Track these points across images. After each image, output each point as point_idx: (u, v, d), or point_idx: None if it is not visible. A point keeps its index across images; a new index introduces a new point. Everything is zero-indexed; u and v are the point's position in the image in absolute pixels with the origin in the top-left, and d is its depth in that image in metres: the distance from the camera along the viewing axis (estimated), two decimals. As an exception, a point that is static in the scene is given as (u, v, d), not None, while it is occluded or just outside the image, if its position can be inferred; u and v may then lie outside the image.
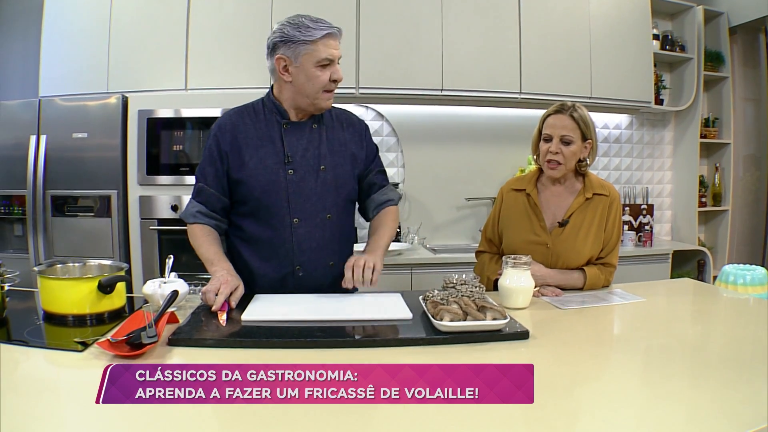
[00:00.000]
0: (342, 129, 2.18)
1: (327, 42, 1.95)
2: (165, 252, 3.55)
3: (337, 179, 2.11)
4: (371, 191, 2.24)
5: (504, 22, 4.15)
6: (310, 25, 1.94)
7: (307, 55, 1.95)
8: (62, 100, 3.66)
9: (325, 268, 2.11)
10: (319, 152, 2.08)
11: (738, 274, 2.60)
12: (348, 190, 2.16)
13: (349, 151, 2.16)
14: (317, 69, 1.96)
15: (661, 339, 1.66)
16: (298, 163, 2.05)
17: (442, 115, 4.45)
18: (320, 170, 2.07)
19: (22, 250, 3.68)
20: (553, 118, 2.24)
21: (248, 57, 3.87)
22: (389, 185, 2.29)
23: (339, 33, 1.99)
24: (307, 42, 1.94)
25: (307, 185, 2.06)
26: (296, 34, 1.94)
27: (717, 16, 4.87)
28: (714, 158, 5.01)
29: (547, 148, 2.23)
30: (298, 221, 2.05)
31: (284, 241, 2.06)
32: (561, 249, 2.24)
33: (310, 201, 2.06)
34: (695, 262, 4.84)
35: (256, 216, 2.07)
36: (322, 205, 2.08)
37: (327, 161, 2.09)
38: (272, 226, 2.06)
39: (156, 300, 1.74)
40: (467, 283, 1.79)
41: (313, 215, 2.06)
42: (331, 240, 2.11)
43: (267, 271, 2.09)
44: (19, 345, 1.49)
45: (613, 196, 2.29)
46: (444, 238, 4.52)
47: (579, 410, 1.18)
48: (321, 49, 1.94)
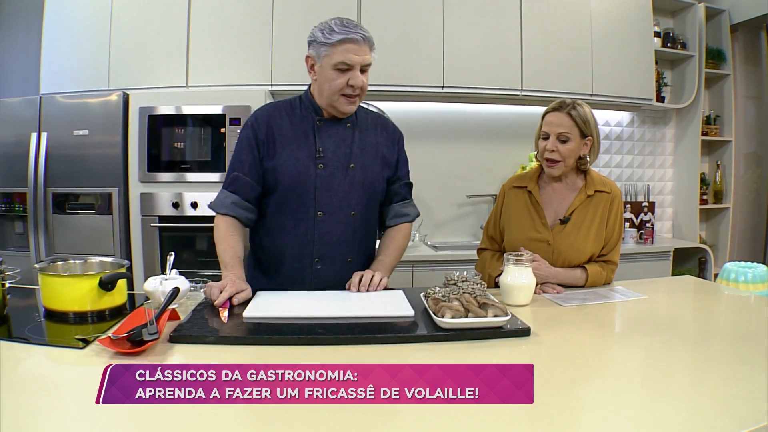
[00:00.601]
0: (376, 132, 2.22)
1: (346, 47, 1.97)
2: (166, 249, 3.55)
3: (366, 178, 2.15)
4: (393, 200, 2.28)
5: (505, 18, 4.14)
6: (334, 28, 1.98)
7: (326, 57, 2.00)
8: (63, 98, 3.66)
9: (343, 264, 2.15)
10: (351, 151, 2.13)
11: (739, 271, 2.60)
12: (375, 191, 2.20)
13: (381, 153, 2.20)
14: (334, 72, 2.00)
15: (662, 336, 1.66)
16: (329, 159, 2.10)
17: (444, 112, 4.45)
18: (349, 168, 2.12)
19: (23, 247, 3.68)
20: (551, 115, 2.24)
21: (249, 54, 3.87)
22: (411, 200, 2.34)
23: (364, 40, 2.00)
24: (326, 44, 1.98)
25: (335, 181, 2.10)
26: (319, 36, 2.01)
27: (718, 13, 4.86)
28: (715, 156, 5.00)
29: (545, 146, 2.24)
30: (322, 214, 2.09)
31: (306, 233, 2.10)
32: (562, 246, 2.24)
33: (337, 196, 2.10)
34: (696, 259, 4.84)
35: (283, 206, 2.12)
36: (347, 202, 2.12)
37: (357, 160, 2.13)
38: (296, 217, 2.10)
39: (157, 297, 1.74)
40: (468, 280, 1.79)
41: (338, 210, 2.11)
42: (353, 237, 2.15)
43: (286, 260, 2.14)
44: (20, 342, 1.49)
45: (614, 193, 2.29)
46: (445, 235, 4.52)
47: (580, 407, 1.17)
48: (338, 53, 1.98)
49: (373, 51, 2.06)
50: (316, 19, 4.08)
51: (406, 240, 2.29)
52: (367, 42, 2.01)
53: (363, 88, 2.05)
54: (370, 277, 2.01)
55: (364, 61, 2.01)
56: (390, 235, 2.26)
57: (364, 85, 2.05)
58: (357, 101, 2.09)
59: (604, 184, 2.31)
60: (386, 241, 2.26)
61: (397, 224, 2.28)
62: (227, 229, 2.09)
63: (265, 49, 3.86)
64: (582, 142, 2.23)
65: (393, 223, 2.28)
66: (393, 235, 2.26)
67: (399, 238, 2.25)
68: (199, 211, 3.60)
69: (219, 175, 3.60)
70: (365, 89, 2.07)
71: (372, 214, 2.23)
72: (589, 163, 2.31)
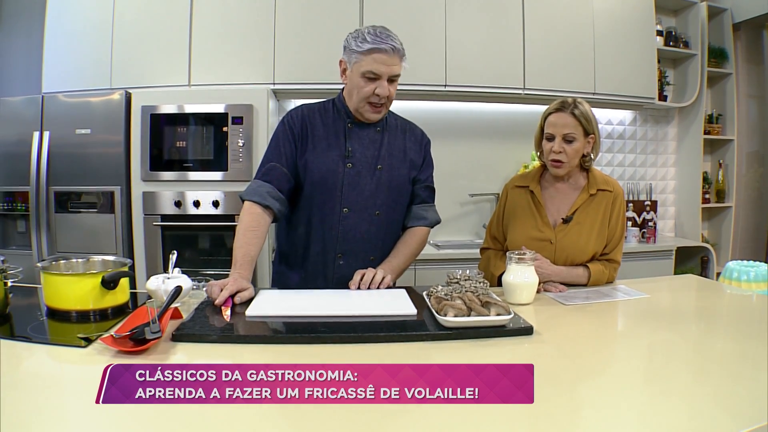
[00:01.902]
0: (404, 137, 2.28)
1: (376, 56, 2.02)
2: (168, 248, 3.56)
3: (392, 180, 2.20)
4: (414, 201, 2.32)
5: (508, 17, 4.14)
6: (366, 37, 2.03)
7: (356, 64, 2.06)
8: (65, 96, 3.66)
9: (365, 261, 2.18)
10: (379, 153, 2.19)
11: (741, 270, 2.60)
12: (401, 192, 2.25)
13: (408, 156, 2.26)
14: (362, 80, 2.06)
15: (664, 335, 1.66)
16: (357, 159, 2.16)
17: (446, 110, 4.46)
18: (377, 169, 2.17)
19: (26, 246, 3.69)
20: (555, 116, 2.23)
21: (252, 53, 3.88)
22: (433, 204, 2.37)
23: (394, 51, 2.04)
24: (357, 51, 2.04)
25: (362, 180, 2.15)
26: (352, 43, 2.06)
27: (721, 12, 4.85)
28: (717, 155, 5.00)
29: (551, 148, 2.23)
30: (347, 211, 2.15)
31: (331, 228, 2.16)
32: (565, 245, 2.24)
33: (363, 195, 2.15)
34: (698, 258, 4.83)
35: (310, 200, 2.17)
36: (373, 201, 2.17)
37: (385, 162, 2.19)
38: (322, 212, 2.16)
39: (159, 296, 1.74)
40: (471, 279, 1.79)
41: (363, 209, 2.16)
42: (376, 235, 2.20)
43: (311, 254, 2.19)
44: (22, 341, 1.49)
45: (616, 192, 2.29)
46: (447, 234, 4.51)
47: (582, 406, 1.17)
48: (367, 62, 2.03)
49: (404, 61, 2.10)
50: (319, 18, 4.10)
51: (420, 245, 2.31)
52: (397, 53, 2.05)
53: (389, 97, 2.10)
54: (371, 276, 2.02)
55: (391, 71, 2.06)
56: (404, 238, 2.29)
57: (391, 95, 2.10)
58: (383, 110, 2.15)
59: (606, 183, 2.30)
60: (399, 243, 2.28)
61: (414, 226, 2.30)
62: (251, 223, 2.09)
63: (268, 47, 3.86)
64: (585, 141, 2.23)
65: (410, 224, 2.31)
66: (407, 238, 2.29)
67: (412, 243, 2.27)
68: (201, 209, 3.60)
69: (221, 174, 3.61)
70: (392, 99, 2.12)
71: (397, 216, 2.28)
72: (592, 160, 2.31)
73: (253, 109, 3.60)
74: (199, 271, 3.53)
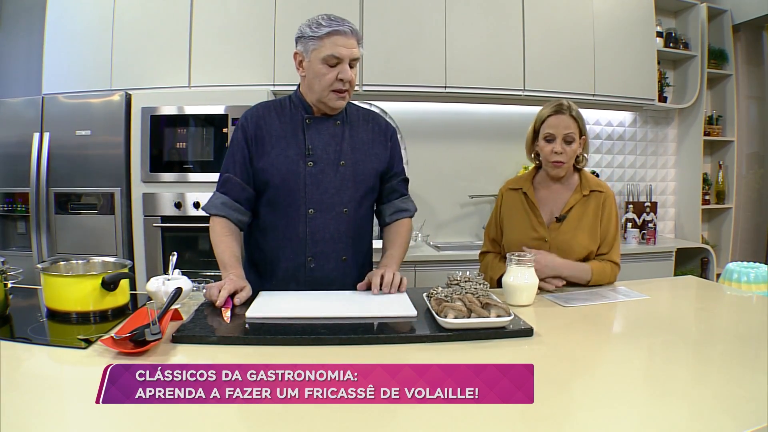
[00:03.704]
0: (367, 128, 2.20)
1: (335, 39, 1.96)
2: (168, 249, 3.55)
3: (357, 175, 2.12)
4: (392, 197, 2.27)
5: (507, 19, 4.14)
6: (321, 22, 1.97)
7: (314, 51, 1.99)
8: (65, 98, 3.67)
9: (337, 262, 2.13)
10: (341, 148, 2.11)
11: (741, 271, 2.59)
12: (367, 187, 2.17)
13: (373, 150, 2.18)
14: (323, 66, 1.98)
15: (664, 336, 1.66)
16: (318, 156, 2.08)
17: (446, 112, 4.46)
18: (340, 165, 2.10)
19: (26, 247, 3.69)
20: (555, 118, 2.28)
21: (251, 54, 3.88)
22: (409, 196, 2.33)
23: (352, 32, 1.99)
24: (314, 38, 1.97)
25: (325, 178, 2.08)
26: (307, 31, 1.99)
27: (721, 13, 4.85)
28: (717, 156, 5.00)
29: (551, 149, 2.27)
30: (313, 212, 2.07)
31: (298, 231, 2.08)
32: (559, 243, 2.28)
33: (328, 193, 2.08)
34: (699, 259, 4.83)
35: (273, 205, 2.10)
36: (339, 199, 2.09)
37: (348, 157, 2.11)
38: (288, 216, 2.08)
39: (159, 297, 1.74)
40: (471, 280, 1.79)
41: (329, 208, 2.09)
42: (345, 234, 2.13)
43: (280, 260, 2.12)
44: (22, 342, 1.49)
45: (608, 193, 2.35)
46: (447, 236, 4.52)
47: (582, 407, 1.17)
48: (326, 46, 1.96)
49: (361, 45, 2.04)
50: (319, 19, 4.06)
51: (410, 234, 2.29)
52: (354, 35, 2.00)
53: (352, 82, 2.03)
54: (391, 276, 1.97)
55: (352, 54, 1.99)
56: (394, 230, 2.25)
57: (353, 80, 2.03)
58: (347, 96, 2.06)
59: (598, 185, 2.37)
60: (391, 236, 2.24)
61: (399, 219, 2.27)
62: (222, 230, 2.08)
63: (268, 48, 3.86)
64: (579, 141, 2.30)
65: (394, 218, 2.27)
66: (397, 230, 2.25)
67: (403, 233, 2.24)
68: (201, 211, 3.60)
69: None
70: (354, 84, 2.05)
71: (365, 212, 2.22)
72: (585, 160, 2.39)
73: (253, 111, 3.60)
74: (199, 272, 3.52)
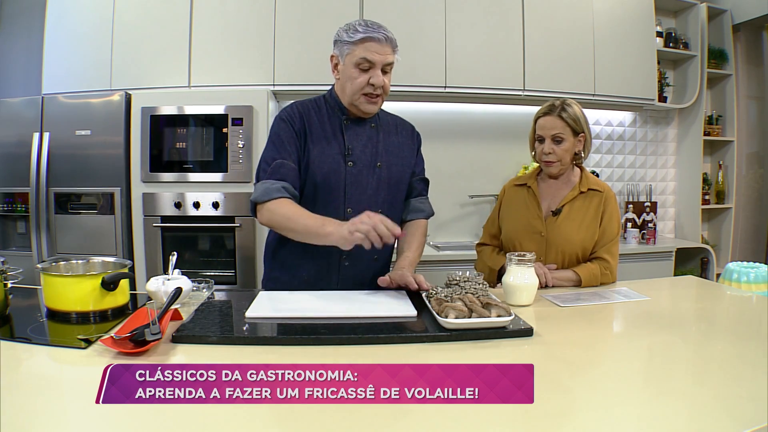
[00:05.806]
0: (397, 133, 2.26)
1: (368, 45, 1.99)
2: (168, 249, 3.55)
3: (391, 177, 2.18)
4: (411, 195, 2.31)
5: (507, 18, 4.14)
6: (357, 28, 2.01)
7: (348, 56, 2.03)
8: (65, 98, 3.67)
9: (369, 262, 2.17)
10: (377, 150, 2.16)
11: (741, 271, 2.59)
12: (400, 189, 2.24)
13: (403, 153, 2.24)
14: (355, 70, 2.02)
15: (664, 336, 1.66)
16: (357, 157, 2.12)
17: (446, 112, 4.46)
18: (377, 167, 2.14)
19: (26, 247, 3.69)
20: (543, 119, 2.37)
21: (252, 54, 3.88)
22: (427, 197, 2.37)
23: (386, 39, 2.01)
24: (348, 42, 2.01)
25: (364, 179, 2.12)
26: (343, 35, 2.03)
27: (720, 13, 4.85)
28: (717, 156, 5.00)
29: (542, 149, 2.36)
30: (351, 212, 2.08)
31: None
32: (554, 236, 2.33)
33: (366, 194, 2.12)
34: (698, 259, 4.83)
35: (313, 203, 2.09)
36: (375, 200, 2.14)
37: (383, 159, 2.16)
38: (326, 214, 2.03)
39: (159, 297, 1.74)
40: (471, 280, 1.80)
41: (366, 208, 2.05)
42: None
43: (314, 258, 2.12)
44: (22, 342, 1.49)
45: (608, 194, 2.39)
46: (447, 236, 4.52)
47: (582, 406, 1.17)
48: (359, 51, 2.00)
49: (396, 52, 2.07)
50: (319, 19, 4.10)
51: (425, 237, 2.30)
52: (389, 42, 2.02)
53: (385, 88, 2.06)
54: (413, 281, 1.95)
55: (385, 60, 2.02)
56: (410, 231, 2.25)
57: (386, 86, 2.06)
58: (379, 102, 2.10)
59: (598, 185, 2.41)
60: (408, 236, 2.23)
61: (415, 219, 2.29)
62: (291, 204, 2.00)
63: (268, 48, 3.86)
64: (576, 140, 2.35)
65: (410, 218, 2.29)
66: (413, 231, 2.26)
67: (419, 235, 2.26)
68: (201, 211, 3.60)
69: (221, 175, 3.60)
70: (387, 90, 2.08)
71: (396, 212, 2.25)
72: (583, 158, 2.42)
73: (253, 111, 3.60)
74: (199, 272, 3.53)
